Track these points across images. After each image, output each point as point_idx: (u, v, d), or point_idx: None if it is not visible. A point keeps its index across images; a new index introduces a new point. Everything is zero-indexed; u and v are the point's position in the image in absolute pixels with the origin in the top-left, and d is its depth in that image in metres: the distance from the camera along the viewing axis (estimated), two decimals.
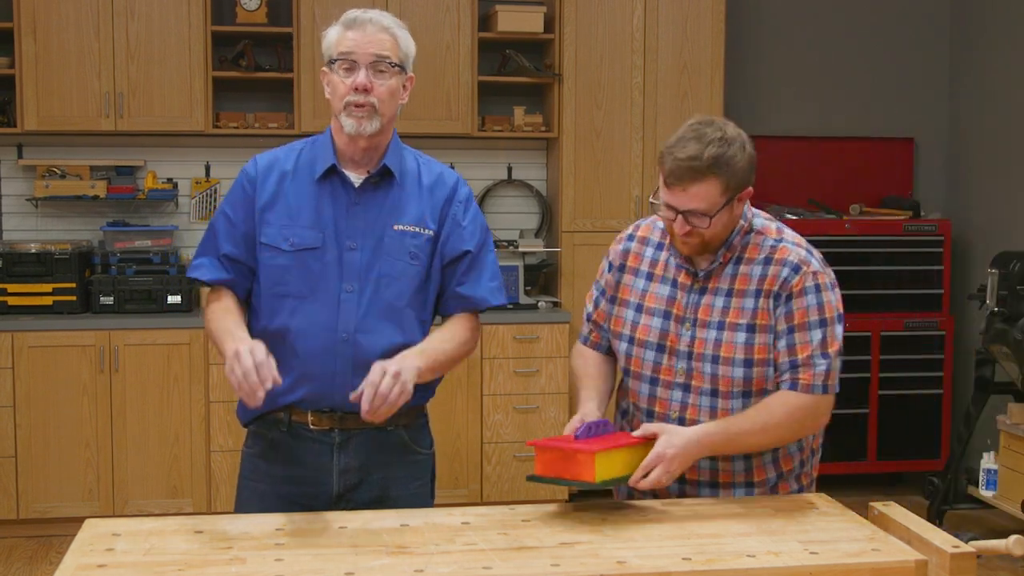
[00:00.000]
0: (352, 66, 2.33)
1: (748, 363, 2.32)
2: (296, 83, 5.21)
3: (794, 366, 2.30)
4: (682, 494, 2.38)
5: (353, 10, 2.39)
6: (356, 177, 2.41)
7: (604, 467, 2.17)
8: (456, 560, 1.95)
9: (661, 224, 2.42)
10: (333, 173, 2.40)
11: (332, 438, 2.41)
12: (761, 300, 2.31)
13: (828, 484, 3.22)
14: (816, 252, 2.38)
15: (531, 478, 2.23)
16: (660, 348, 2.38)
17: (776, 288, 2.31)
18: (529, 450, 2.56)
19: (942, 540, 1.98)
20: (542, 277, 5.62)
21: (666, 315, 2.38)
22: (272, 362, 2.14)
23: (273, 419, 2.43)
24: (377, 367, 2.20)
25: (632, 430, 2.34)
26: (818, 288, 2.31)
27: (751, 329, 2.31)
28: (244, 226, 2.41)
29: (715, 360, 2.33)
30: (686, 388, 2.36)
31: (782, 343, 2.30)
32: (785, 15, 6.00)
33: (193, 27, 5.14)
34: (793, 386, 2.30)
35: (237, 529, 2.12)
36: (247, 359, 2.11)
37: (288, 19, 5.26)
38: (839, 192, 5.95)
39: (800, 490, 2.47)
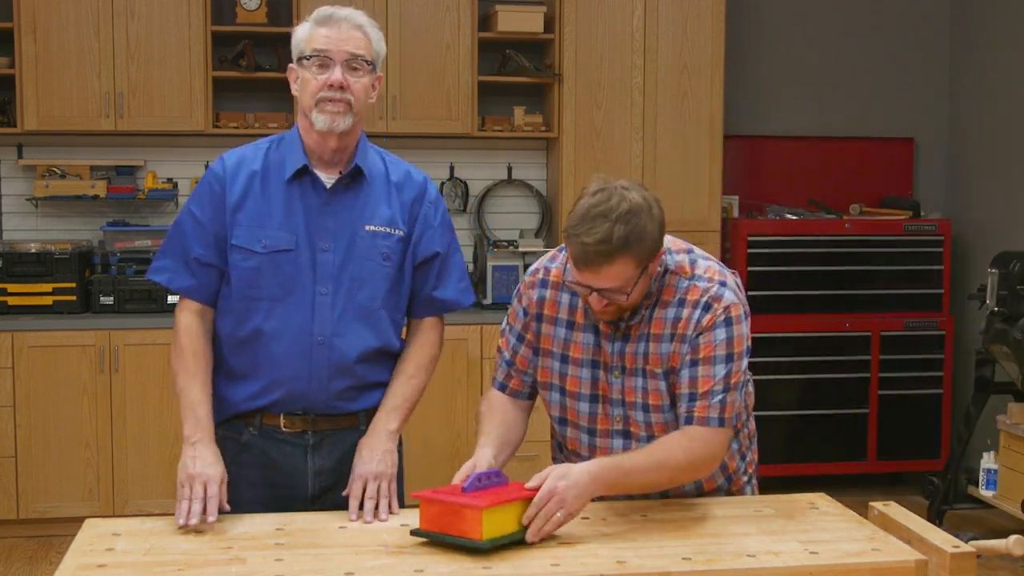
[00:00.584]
0: (326, 63, 2.30)
1: (675, 406, 2.25)
2: None
3: (692, 399, 2.20)
4: None
5: (326, 7, 2.35)
6: (327, 178, 2.38)
7: (492, 524, 1.97)
8: (456, 560, 1.95)
9: None
10: (304, 174, 2.37)
11: (306, 440, 2.40)
12: (675, 344, 2.22)
13: (828, 484, 3.23)
14: (731, 279, 2.27)
15: (415, 532, 2.06)
16: (594, 398, 2.31)
17: (688, 331, 2.21)
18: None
19: (942, 540, 1.98)
20: None
21: (594, 364, 2.30)
22: (224, 492, 2.22)
23: (241, 423, 2.40)
24: (357, 480, 2.27)
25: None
26: (728, 322, 2.19)
27: (667, 375, 2.24)
28: (213, 226, 2.36)
29: (646, 409, 2.26)
30: (626, 435, 2.30)
31: (684, 373, 2.21)
32: (785, 15, 6.00)
33: (193, 27, 5.14)
34: (689, 420, 2.20)
35: (237, 529, 2.13)
36: (199, 490, 2.20)
37: (288, 19, 5.26)
38: (839, 192, 5.95)
39: (750, 480, 2.45)
